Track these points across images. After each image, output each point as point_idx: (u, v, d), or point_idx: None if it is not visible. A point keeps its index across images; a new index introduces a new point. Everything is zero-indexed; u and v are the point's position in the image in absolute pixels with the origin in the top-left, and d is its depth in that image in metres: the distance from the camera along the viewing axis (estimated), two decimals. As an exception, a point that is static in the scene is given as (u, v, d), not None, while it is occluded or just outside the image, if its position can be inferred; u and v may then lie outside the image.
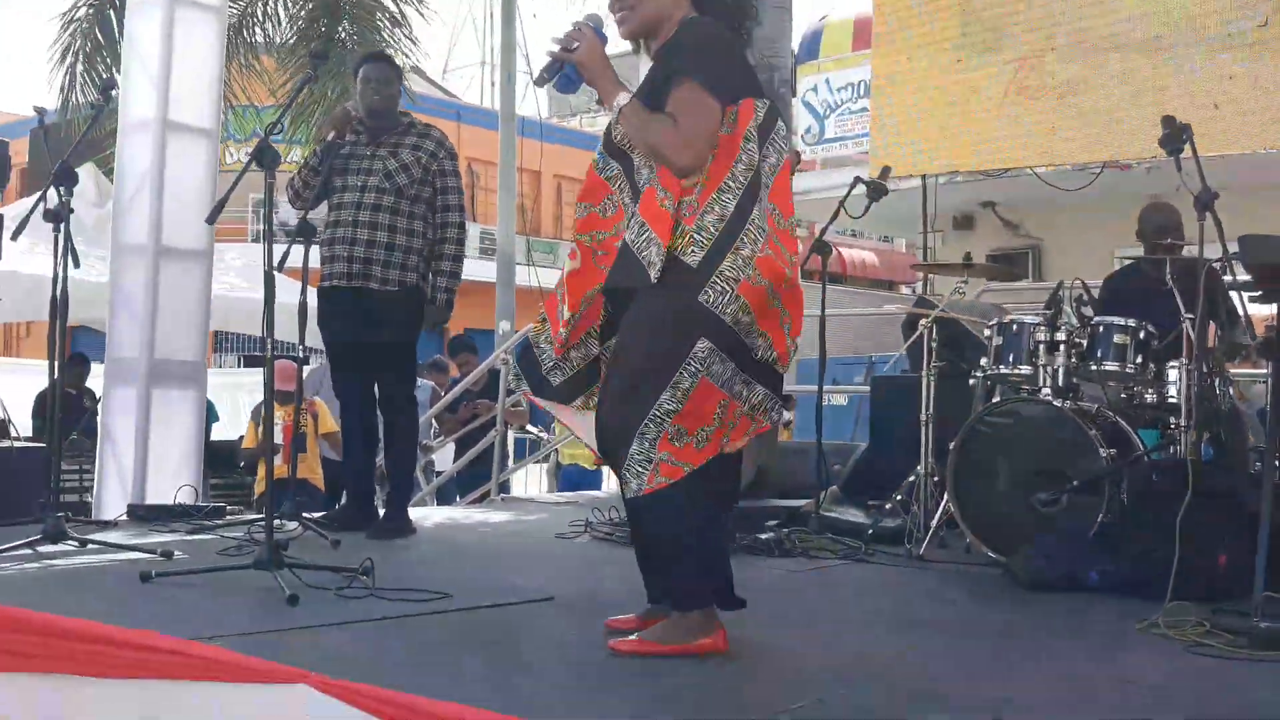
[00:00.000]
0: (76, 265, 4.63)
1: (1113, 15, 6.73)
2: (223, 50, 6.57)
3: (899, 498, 5.38)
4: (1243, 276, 3.79)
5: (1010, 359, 5.00)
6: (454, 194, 5.34)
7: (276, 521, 4.81)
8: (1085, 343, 4.87)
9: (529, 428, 10.97)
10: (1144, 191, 9.34)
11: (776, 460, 6.39)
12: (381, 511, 5.52)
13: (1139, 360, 4.82)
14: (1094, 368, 4.88)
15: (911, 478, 5.29)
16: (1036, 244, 12.31)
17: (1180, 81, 6.69)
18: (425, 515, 6.63)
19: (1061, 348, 4.89)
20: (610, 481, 10.08)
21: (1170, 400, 4.81)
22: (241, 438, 9.03)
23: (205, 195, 6.17)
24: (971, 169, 7.71)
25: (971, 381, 5.32)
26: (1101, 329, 4.87)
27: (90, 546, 4.47)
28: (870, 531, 5.15)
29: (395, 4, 11.62)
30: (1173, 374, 4.79)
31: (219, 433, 10.44)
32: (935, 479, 5.10)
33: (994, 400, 5.12)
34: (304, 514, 5.18)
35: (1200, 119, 6.22)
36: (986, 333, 5.19)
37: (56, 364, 4.77)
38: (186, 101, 6.21)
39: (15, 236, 4.78)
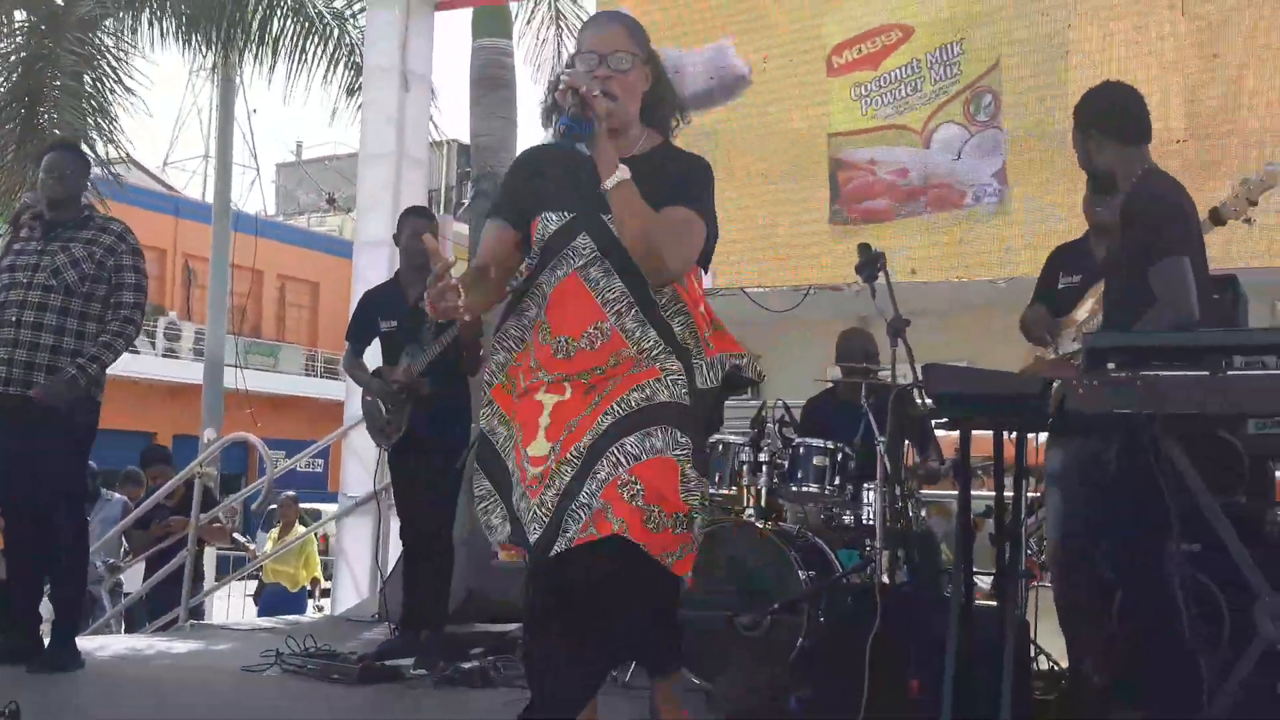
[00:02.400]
0: None
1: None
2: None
3: (607, 621, 5.26)
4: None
5: (716, 479, 5.01)
6: (128, 290, 4.91)
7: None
8: (787, 464, 4.92)
9: (238, 537, 10.38)
10: (856, 312, 9.75)
11: (487, 582, 6.20)
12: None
13: (837, 482, 4.90)
14: (795, 489, 4.94)
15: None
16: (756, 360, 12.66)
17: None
18: (103, 644, 6.08)
19: (764, 469, 4.92)
20: (311, 606, 9.59)
21: (867, 522, 4.91)
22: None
23: None
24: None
25: (680, 501, 5.29)
26: (802, 450, 4.94)
27: None
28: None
29: (99, 91, 11.03)
30: (869, 495, 4.90)
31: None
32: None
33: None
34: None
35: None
36: (695, 452, 5.17)
37: None
38: None
39: None
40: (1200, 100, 6.02)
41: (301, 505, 11.36)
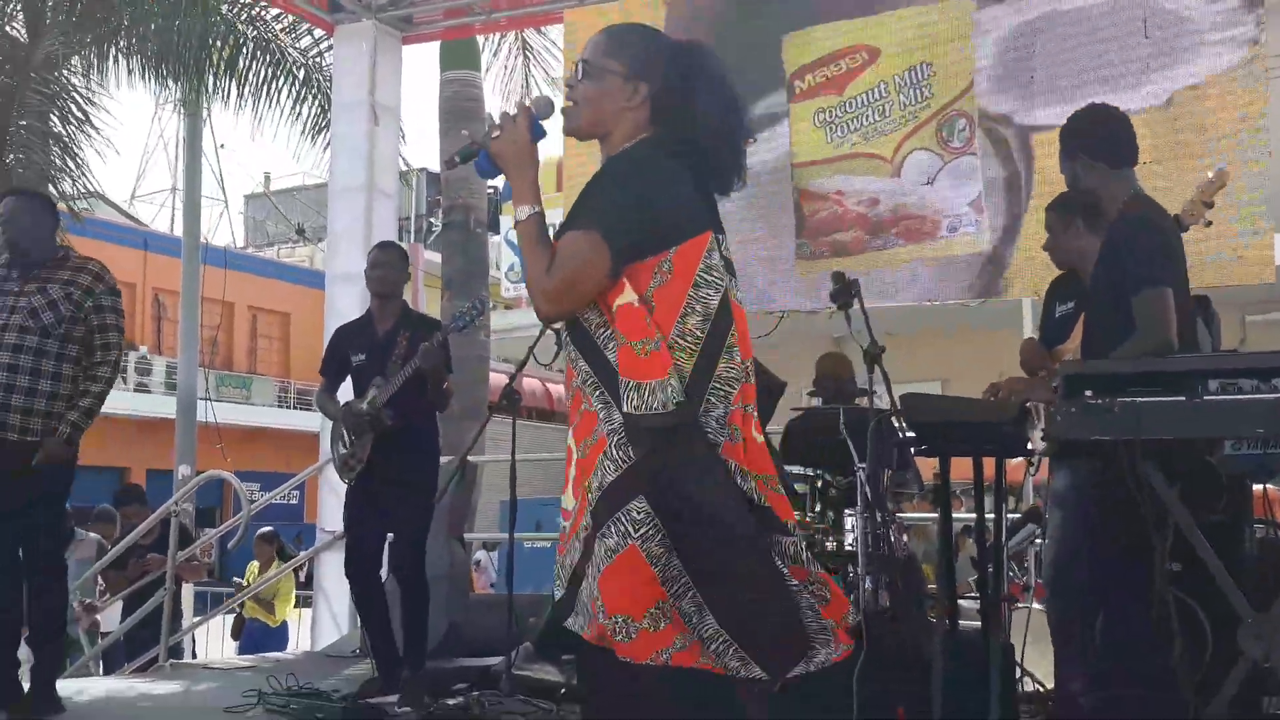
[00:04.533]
0: None
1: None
2: None
3: (591, 652, 5.24)
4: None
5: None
6: (112, 331, 4.93)
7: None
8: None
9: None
10: (829, 334, 9.79)
11: (468, 616, 6.17)
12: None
13: (818, 509, 4.91)
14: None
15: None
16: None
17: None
18: (83, 687, 6.01)
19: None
20: (295, 642, 9.51)
21: (849, 548, 4.91)
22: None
23: None
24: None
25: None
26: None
27: None
28: (563, 690, 4.98)
29: (65, 130, 10.99)
30: (850, 522, 4.91)
31: None
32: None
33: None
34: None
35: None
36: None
37: None
38: None
39: None
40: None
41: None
